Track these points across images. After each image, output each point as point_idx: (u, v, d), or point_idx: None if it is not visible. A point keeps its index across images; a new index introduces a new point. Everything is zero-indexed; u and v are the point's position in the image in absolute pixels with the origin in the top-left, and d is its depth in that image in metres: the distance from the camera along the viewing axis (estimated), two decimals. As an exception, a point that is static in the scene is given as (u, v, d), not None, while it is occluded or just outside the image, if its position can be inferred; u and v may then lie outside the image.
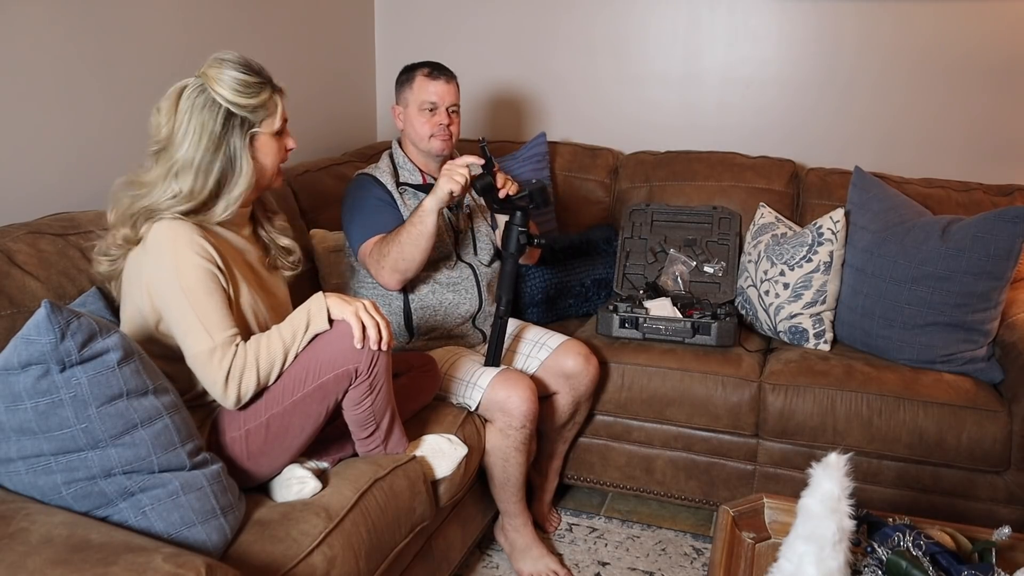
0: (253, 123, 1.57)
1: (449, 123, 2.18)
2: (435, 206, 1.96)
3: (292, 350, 1.55)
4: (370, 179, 2.18)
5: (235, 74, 1.55)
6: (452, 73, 2.21)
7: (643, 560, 2.25)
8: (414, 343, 2.18)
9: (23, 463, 1.30)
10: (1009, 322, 2.25)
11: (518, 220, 2.07)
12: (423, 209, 1.97)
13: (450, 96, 2.18)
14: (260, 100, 1.57)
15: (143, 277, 1.52)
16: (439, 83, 2.17)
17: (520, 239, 2.07)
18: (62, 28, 1.90)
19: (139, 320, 1.55)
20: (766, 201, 2.66)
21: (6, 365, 1.26)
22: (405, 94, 2.20)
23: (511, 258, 2.09)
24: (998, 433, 2.06)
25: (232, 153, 1.55)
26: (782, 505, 1.61)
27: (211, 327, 1.49)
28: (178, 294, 1.48)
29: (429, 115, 2.17)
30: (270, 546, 1.43)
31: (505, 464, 2.06)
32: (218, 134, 1.53)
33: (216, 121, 1.53)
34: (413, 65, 2.22)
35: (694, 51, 2.95)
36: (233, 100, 1.54)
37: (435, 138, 2.17)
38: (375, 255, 2.04)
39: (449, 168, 1.97)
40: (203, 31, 2.32)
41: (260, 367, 1.52)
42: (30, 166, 1.88)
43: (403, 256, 1.99)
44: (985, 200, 2.52)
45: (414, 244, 1.98)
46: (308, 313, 1.57)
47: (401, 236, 2.00)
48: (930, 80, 2.75)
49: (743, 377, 2.25)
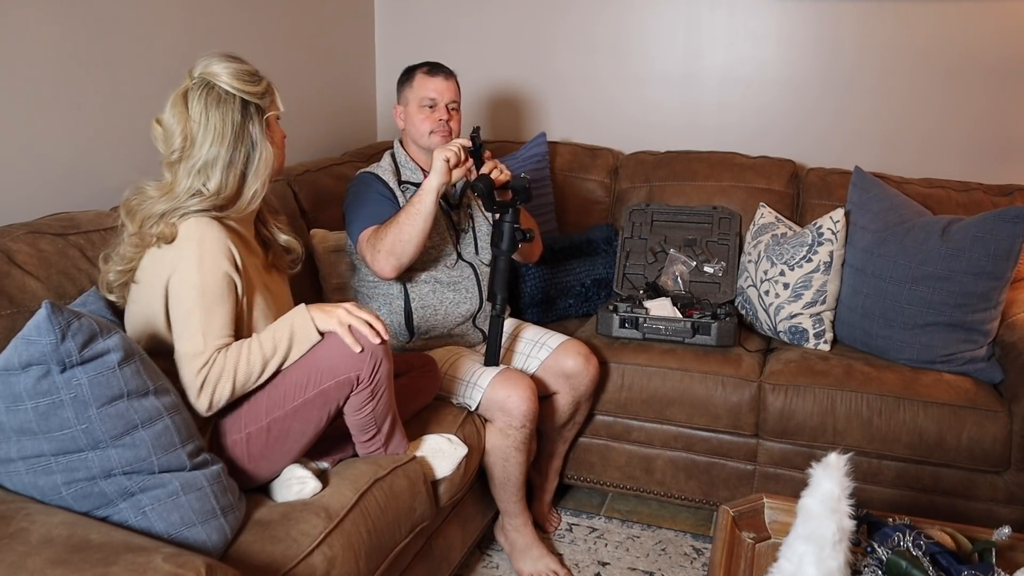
0: (263, 108, 1.60)
1: (448, 119, 2.19)
2: (435, 183, 1.98)
3: (272, 363, 1.54)
4: (372, 176, 2.19)
5: (234, 67, 1.58)
6: (451, 71, 2.23)
7: (643, 560, 2.25)
8: (414, 342, 2.18)
9: (23, 463, 1.30)
10: (1009, 322, 2.25)
11: (510, 217, 2.08)
12: (423, 188, 1.99)
13: (449, 92, 2.20)
14: (263, 86, 1.61)
15: (165, 272, 1.51)
16: (438, 79, 2.19)
17: (515, 235, 2.07)
18: (62, 28, 1.90)
19: (146, 318, 1.54)
20: (766, 201, 2.66)
21: (7, 365, 1.26)
22: (405, 93, 2.22)
23: (503, 255, 2.09)
24: (998, 433, 2.06)
25: (254, 139, 1.58)
26: (782, 505, 1.61)
27: (208, 332, 1.49)
28: (192, 291, 1.49)
29: (429, 111, 2.18)
30: (270, 546, 1.43)
31: (505, 464, 2.06)
32: (239, 123, 1.56)
33: (235, 111, 1.56)
34: (413, 65, 2.25)
35: (694, 51, 2.95)
36: (244, 88, 1.57)
37: (435, 134, 2.18)
38: (372, 240, 2.04)
39: (443, 151, 2.00)
40: (203, 31, 2.32)
41: (237, 377, 1.50)
42: (30, 166, 1.88)
43: (400, 238, 1.99)
44: (985, 200, 2.52)
45: (412, 224, 1.98)
46: (291, 327, 1.56)
47: (399, 217, 2.00)
48: (930, 80, 2.75)
49: (743, 377, 2.25)
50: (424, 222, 1.98)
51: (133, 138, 2.05)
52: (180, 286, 1.50)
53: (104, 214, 1.86)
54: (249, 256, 1.62)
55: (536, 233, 2.26)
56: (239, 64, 1.59)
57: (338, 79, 3.05)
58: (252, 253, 1.65)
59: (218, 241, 1.51)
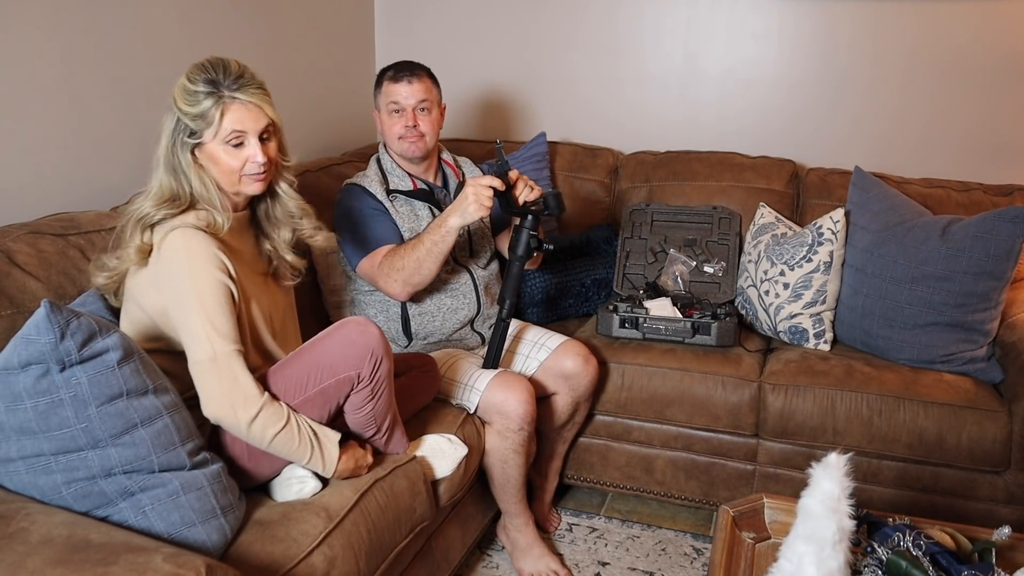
0: (193, 131, 1.52)
1: (415, 123, 2.15)
2: (460, 225, 1.95)
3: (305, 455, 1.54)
4: (359, 189, 2.16)
5: (184, 80, 1.52)
6: (419, 71, 2.17)
7: (643, 560, 2.25)
8: (412, 347, 2.18)
9: (23, 463, 1.30)
10: (1009, 322, 2.25)
11: (528, 224, 2.05)
12: (447, 228, 1.95)
13: (415, 95, 2.14)
14: (199, 110, 1.50)
15: (153, 283, 1.51)
16: (401, 84, 2.15)
17: (531, 243, 2.05)
18: (62, 28, 1.90)
19: (141, 316, 1.55)
20: (766, 201, 2.66)
21: (6, 365, 1.26)
22: (378, 99, 2.21)
23: (518, 261, 2.08)
24: (998, 433, 2.06)
25: (181, 162, 1.53)
26: (782, 505, 1.61)
27: (213, 336, 1.47)
28: (190, 299, 1.47)
29: (398, 117, 2.15)
30: (270, 546, 1.43)
31: (504, 466, 2.06)
32: (170, 136, 1.53)
33: (169, 123, 1.54)
34: (383, 68, 2.22)
35: (694, 51, 2.95)
36: (179, 106, 1.52)
37: (403, 139, 2.15)
38: (385, 268, 2.03)
39: (476, 191, 1.93)
40: (203, 31, 2.32)
41: (279, 438, 1.50)
42: (30, 166, 1.88)
43: (420, 271, 1.99)
44: (985, 200, 2.52)
45: (434, 261, 1.98)
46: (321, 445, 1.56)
47: (419, 252, 1.98)
48: (930, 80, 2.75)
49: (743, 377, 2.25)
50: (444, 257, 1.99)
51: (133, 138, 2.05)
52: (177, 299, 1.49)
53: (104, 214, 1.86)
54: (242, 266, 1.60)
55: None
56: (188, 80, 1.52)
57: (338, 79, 3.05)
58: (245, 263, 1.63)
59: (205, 251, 1.49)
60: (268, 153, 1.58)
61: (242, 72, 1.54)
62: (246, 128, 1.54)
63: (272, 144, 1.60)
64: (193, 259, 1.48)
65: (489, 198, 1.94)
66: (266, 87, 1.58)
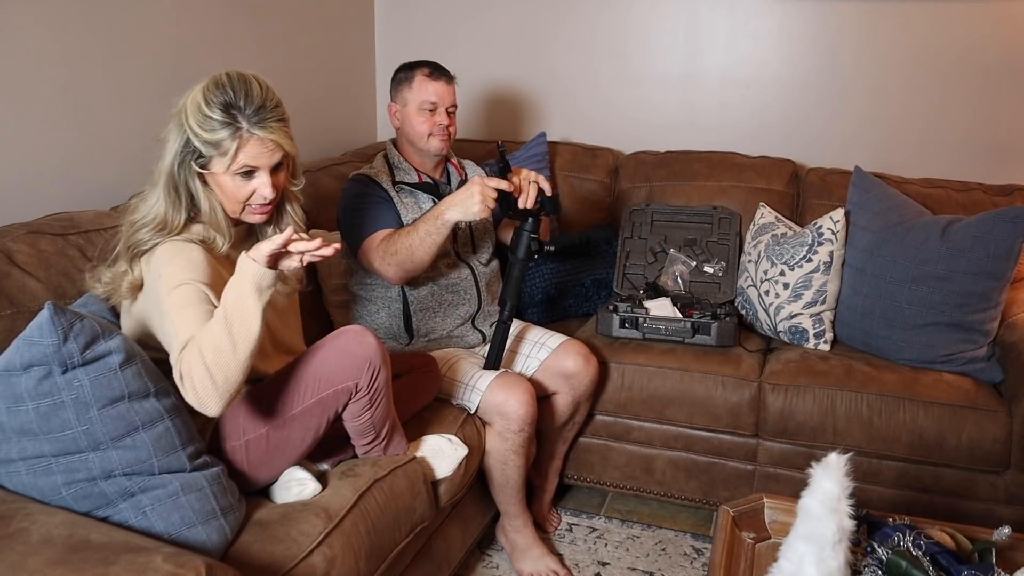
0: (203, 155, 1.45)
1: (448, 123, 2.18)
2: (458, 220, 1.95)
3: (235, 324, 1.34)
4: (366, 179, 2.17)
5: (200, 98, 1.44)
6: (451, 74, 2.21)
7: (643, 560, 2.26)
8: (414, 344, 2.18)
9: (24, 464, 1.30)
10: (1009, 322, 2.25)
11: (529, 226, 2.06)
12: (443, 220, 1.95)
13: (449, 97, 2.19)
14: (213, 138, 1.43)
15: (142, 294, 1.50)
16: (440, 84, 2.17)
17: (531, 245, 2.06)
18: (63, 28, 1.90)
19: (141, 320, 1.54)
20: (766, 201, 2.66)
21: (8, 366, 1.26)
22: (403, 93, 2.19)
23: (519, 263, 2.08)
24: (998, 433, 2.06)
25: (185, 181, 1.48)
26: (782, 505, 1.61)
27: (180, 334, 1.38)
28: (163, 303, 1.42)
29: (429, 115, 2.16)
30: (270, 546, 1.43)
31: (504, 467, 2.06)
32: (176, 155, 1.46)
33: (177, 140, 1.46)
34: (412, 64, 2.21)
35: (694, 51, 2.95)
36: (191, 125, 1.44)
37: (434, 137, 2.17)
38: (381, 250, 2.03)
39: (484, 192, 1.92)
40: (204, 31, 2.32)
41: (205, 356, 1.32)
42: (30, 166, 1.88)
43: (413, 258, 1.99)
44: (985, 200, 2.52)
45: (427, 250, 1.98)
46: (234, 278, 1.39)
47: (413, 239, 1.98)
48: (930, 80, 2.75)
49: (743, 377, 2.25)
50: (438, 248, 1.98)
51: (133, 138, 2.05)
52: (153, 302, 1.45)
53: (104, 214, 1.86)
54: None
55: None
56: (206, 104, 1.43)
57: (338, 79, 3.05)
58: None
59: (188, 256, 1.45)
60: (277, 183, 1.53)
61: (264, 101, 1.47)
62: (260, 164, 1.49)
63: (283, 173, 1.56)
64: (174, 263, 1.44)
65: (494, 200, 1.94)
66: (286, 114, 1.52)
